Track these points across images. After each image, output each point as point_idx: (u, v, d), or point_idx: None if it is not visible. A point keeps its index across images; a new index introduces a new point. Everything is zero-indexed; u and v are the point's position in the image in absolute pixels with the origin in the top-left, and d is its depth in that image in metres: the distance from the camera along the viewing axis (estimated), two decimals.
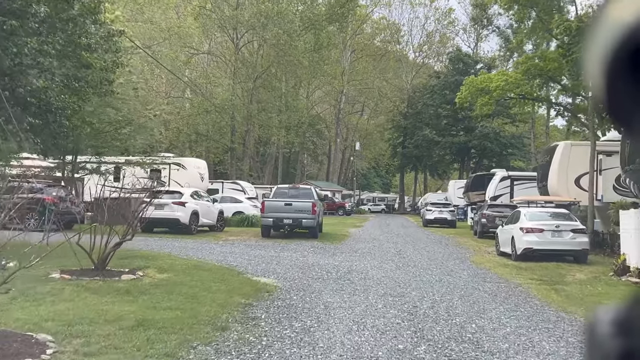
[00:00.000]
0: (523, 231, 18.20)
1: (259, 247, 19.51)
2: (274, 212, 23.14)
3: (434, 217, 38.18)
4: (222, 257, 15.92)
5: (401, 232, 31.13)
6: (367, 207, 75.04)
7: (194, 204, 23.23)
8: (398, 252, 19.65)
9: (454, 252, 20.82)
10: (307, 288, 11.21)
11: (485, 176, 42.67)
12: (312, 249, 19.66)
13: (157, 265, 12.86)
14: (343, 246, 21.26)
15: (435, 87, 69.51)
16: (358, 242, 23.32)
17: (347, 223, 40.16)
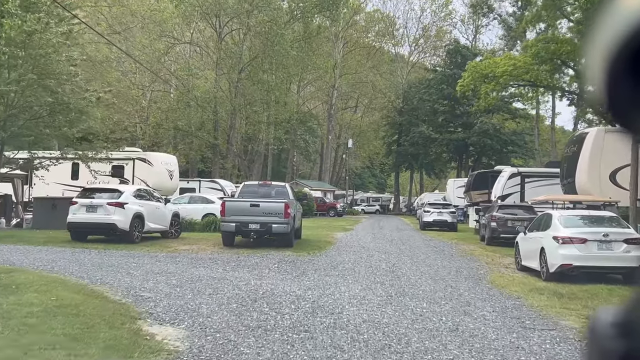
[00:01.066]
0: (558, 241, 13.21)
1: (208, 263, 14.47)
2: (237, 215, 18.15)
3: (433, 220, 33.21)
4: (139, 282, 10.90)
5: (395, 238, 26.13)
6: (361, 207, 70.05)
7: (136, 206, 18.18)
8: (391, 269, 14.63)
9: (463, 267, 15.82)
10: (228, 354, 6.21)
11: (489, 174, 37.80)
12: (278, 264, 14.64)
13: None
14: (321, 259, 16.25)
15: (431, 81, 64.61)
16: (342, 252, 18.31)
17: (335, 226, 35.16)
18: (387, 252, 18.84)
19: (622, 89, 0.58)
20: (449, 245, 22.93)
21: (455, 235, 29.54)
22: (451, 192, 45.38)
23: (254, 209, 18.17)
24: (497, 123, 60.36)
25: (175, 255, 15.78)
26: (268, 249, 18.02)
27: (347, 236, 26.26)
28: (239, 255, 16.36)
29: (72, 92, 20.81)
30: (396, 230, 33.47)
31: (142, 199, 18.69)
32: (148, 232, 19.32)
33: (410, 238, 26.38)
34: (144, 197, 18.91)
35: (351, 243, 22.28)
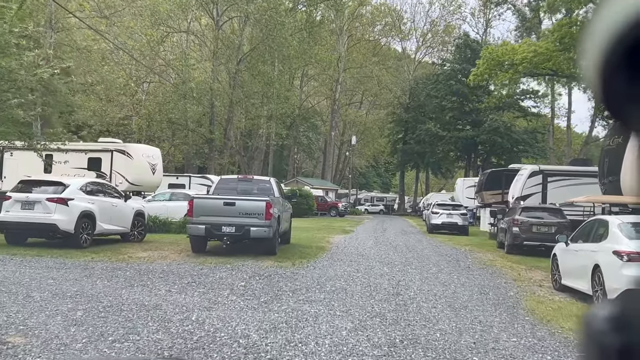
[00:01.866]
0: (622, 258, 9.54)
1: (155, 278, 10.83)
2: (207, 216, 14.53)
3: (442, 222, 29.52)
4: (26, 314, 7.27)
5: (400, 243, 22.44)
6: (364, 207, 66.36)
7: (85, 202, 14.57)
8: (395, 289, 10.97)
9: (487, 286, 12.15)
10: None
11: (503, 173, 34.10)
12: (247, 281, 11.01)
13: None
14: (307, 273, 12.60)
15: (439, 77, 60.84)
16: (335, 263, 14.66)
17: (334, 227, 31.53)
18: (390, 263, 15.17)
19: (617, 83, 0.56)
20: (462, 254, 19.25)
21: (467, 240, 25.84)
22: (460, 192, 41.66)
23: (229, 208, 14.55)
24: (507, 121, 56.56)
25: (121, 267, 12.17)
26: (244, 257, 14.42)
27: (345, 240, 22.63)
28: (203, 266, 12.74)
29: (21, 68, 17.24)
30: (401, 233, 29.79)
31: (93, 194, 15.08)
32: (102, 235, 15.73)
33: (418, 243, 22.69)
34: (96, 191, 15.29)
35: (349, 249, 18.63)
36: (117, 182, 26.56)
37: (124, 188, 27.00)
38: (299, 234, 23.91)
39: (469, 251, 20.19)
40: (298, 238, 21.16)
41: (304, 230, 27.40)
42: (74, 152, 27.79)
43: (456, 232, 29.58)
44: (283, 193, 17.63)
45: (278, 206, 15.74)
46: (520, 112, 58.79)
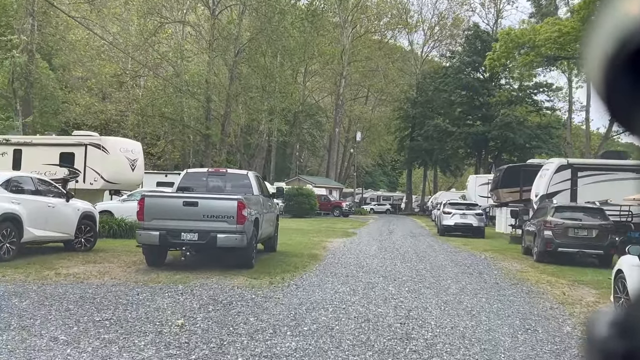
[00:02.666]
0: None
1: (53, 315, 7.38)
2: (162, 219, 11.14)
3: (455, 223, 25.99)
4: None
5: (409, 249, 18.91)
6: (370, 207, 62.85)
7: (6, 203, 11.20)
8: (404, 326, 7.45)
9: (531, 316, 8.63)
10: None
11: (521, 168, 30.55)
12: (192, 314, 7.55)
13: None
14: (284, 296, 9.16)
15: (448, 70, 57.24)
16: (325, 280, 11.19)
17: (336, 229, 28.09)
18: (397, 279, 11.69)
19: (621, 86, 0.56)
20: (484, 263, 15.75)
21: (485, 244, 22.31)
22: (472, 191, 38.08)
23: (190, 209, 11.13)
24: (520, 115, 52.85)
25: (29, 289, 8.76)
26: (209, 273, 11.02)
27: (345, 245, 19.17)
28: (147, 287, 9.33)
29: None
30: (409, 235, 26.28)
31: (19, 191, 11.69)
32: (36, 243, 12.38)
33: (429, 249, 19.16)
34: (23, 189, 11.89)
35: (347, 258, 15.16)
36: (92, 180, 23.35)
37: (99, 186, 23.70)
38: (292, 237, 20.52)
39: (490, 259, 16.68)
40: (288, 244, 17.75)
41: (301, 232, 23.99)
42: (45, 146, 24.67)
43: (470, 234, 26.07)
44: (266, 190, 14.21)
45: (256, 206, 12.32)
46: (534, 107, 55.07)
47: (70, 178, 21.86)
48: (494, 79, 55.97)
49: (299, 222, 34.43)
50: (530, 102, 54.69)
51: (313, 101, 65.55)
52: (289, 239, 20.32)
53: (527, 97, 54.85)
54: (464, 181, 74.26)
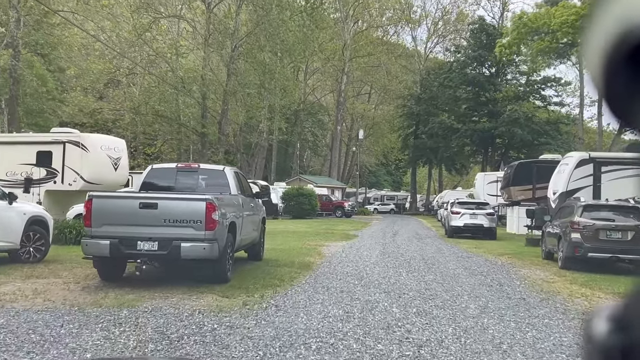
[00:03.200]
0: None
1: None
2: (114, 225, 8.99)
3: (464, 224, 23.74)
4: None
5: (416, 254, 16.66)
6: (374, 207, 60.64)
7: None
8: None
9: (576, 347, 6.47)
10: None
11: (534, 165, 28.40)
12: (130, 349, 5.43)
13: None
14: (257, 325, 6.99)
15: (453, 65, 54.98)
16: (314, 298, 9.01)
17: (335, 231, 25.91)
18: (402, 296, 9.48)
19: (621, 82, 0.55)
20: (503, 270, 13.54)
21: (499, 247, 20.06)
22: (480, 189, 35.83)
23: (148, 213, 8.97)
24: (528, 111, 50.52)
25: None
26: (172, 290, 8.88)
27: (344, 250, 16.99)
28: (85, 312, 7.19)
29: None
30: (415, 238, 24.05)
31: None
32: None
33: (438, 254, 16.92)
34: None
35: (344, 267, 12.97)
36: (71, 180, 21.28)
37: (78, 187, 21.53)
38: (286, 241, 18.39)
39: (508, 265, 14.47)
40: (280, 250, 15.61)
41: (297, 236, 21.84)
42: (21, 145, 22.60)
43: (481, 235, 23.83)
44: (248, 189, 12.03)
45: (233, 208, 10.15)
46: (542, 102, 52.78)
47: None
48: (500, 73, 53.72)
49: (298, 223, 32.27)
50: (538, 97, 52.41)
51: (314, 99, 63.43)
52: (282, 243, 18.18)
53: (534, 92, 52.56)
54: (469, 180, 71.92)
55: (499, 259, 16.05)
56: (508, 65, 53.09)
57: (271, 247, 16.55)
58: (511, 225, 28.79)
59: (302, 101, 58.83)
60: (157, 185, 10.68)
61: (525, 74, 53.61)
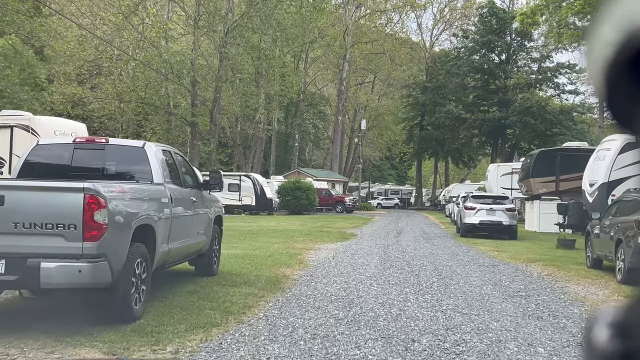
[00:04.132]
0: None
1: None
2: None
3: (480, 221, 19.89)
4: None
5: (425, 262, 12.79)
6: (377, 201, 56.93)
7: None
8: None
9: None
10: None
11: (558, 153, 24.64)
12: None
13: None
14: None
15: (461, 52, 51.08)
16: (266, 350, 5.33)
17: (332, 229, 22.20)
18: (409, 345, 5.73)
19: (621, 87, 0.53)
20: (543, 286, 9.77)
21: (525, 249, 16.27)
22: (493, 181, 31.96)
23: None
24: (541, 99, 46.57)
25: None
26: (35, 335, 5.18)
27: (335, 256, 13.26)
28: None
29: None
30: (423, 237, 20.26)
31: None
32: None
33: (453, 261, 13.10)
34: None
35: (328, 286, 9.18)
36: None
37: None
38: (267, 244, 14.75)
39: (549, 279, 10.69)
40: (253, 256, 11.96)
41: (284, 235, 18.18)
42: None
43: (499, 234, 20.04)
44: (188, 177, 8.29)
45: (149, 204, 6.44)
46: (555, 90, 48.87)
47: None
48: (510, 60, 49.75)
49: (293, 220, 28.61)
50: (551, 84, 48.48)
51: (315, 90, 59.65)
52: (261, 246, 14.50)
53: (547, 79, 48.60)
54: (477, 173, 68.02)
55: (532, 267, 12.29)
56: (519, 51, 49.19)
57: (243, 252, 12.87)
58: (530, 222, 24.99)
59: (303, 91, 55.10)
60: (42, 169, 6.97)
61: (537, 61, 49.71)
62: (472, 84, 50.20)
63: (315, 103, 61.10)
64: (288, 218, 30.98)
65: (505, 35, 48.73)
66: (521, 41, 48.97)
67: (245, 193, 34.92)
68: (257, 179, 35.36)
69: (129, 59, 36.70)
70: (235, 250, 13.21)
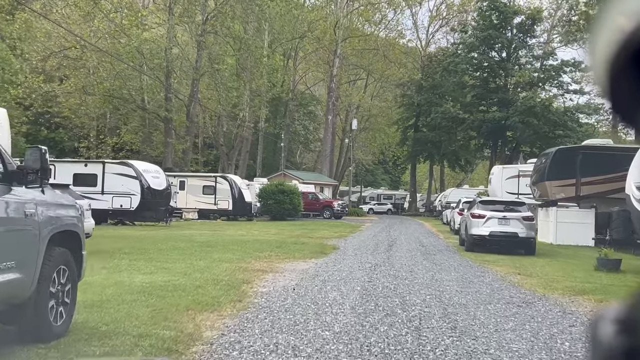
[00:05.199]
0: None
1: None
2: None
3: (490, 233, 15.74)
4: None
5: (426, 295, 8.63)
6: (369, 206, 52.85)
7: None
8: None
9: None
10: None
11: (579, 152, 20.53)
12: None
13: None
14: None
15: (458, 47, 47.15)
16: None
17: (310, 240, 18.03)
18: None
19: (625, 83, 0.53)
20: None
21: (553, 270, 12.16)
22: (498, 185, 27.85)
23: None
24: (545, 99, 42.67)
25: None
26: None
27: (297, 285, 9.08)
28: None
29: None
30: (420, 252, 16.09)
31: None
32: None
33: (467, 291, 8.91)
34: None
35: (260, 355, 5.10)
36: None
37: None
38: (216, 261, 10.69)
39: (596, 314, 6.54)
40: (175, 286, 7.84)
41: (247, 248, 14.07)
42: None
43: (513, 248, 15.95)
44: None
45: None
46: (559, 89, 44.97)
47: None
48: (511, 58, 45.83)
49: (270, 227, 24.49)
50: (555, 83, 44.60)
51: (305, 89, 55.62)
52: (202, 267, 10.36)
53: (550, 78, 44.69)
54: (474, 178, 63.95)
55: (580, 304, 8.19)
56: (521, 48, 45.27)
57: (165, 279, 8.76)
58: (545, 232, 20.84)
59: (292, 89, 51.05)
60: None
61: (539, 59, 45.85)
62: (471, 83, 46.26)
63: (305, 103, 57.05)
64: (266, 225, 26.86)
65: (506, 30, 44.83)
66: (523, 37, 45.11)
67: (221, 196, 30.78)
68: (234, 181, 31.23)
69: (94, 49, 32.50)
70: (157, 275, 9.06)
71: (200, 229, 22.37)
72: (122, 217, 22.80)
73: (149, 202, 22.38)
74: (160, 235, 17.78)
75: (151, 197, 22.45)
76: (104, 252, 11.86)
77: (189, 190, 31.14)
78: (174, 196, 30.80)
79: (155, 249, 13.39)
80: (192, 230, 20.98)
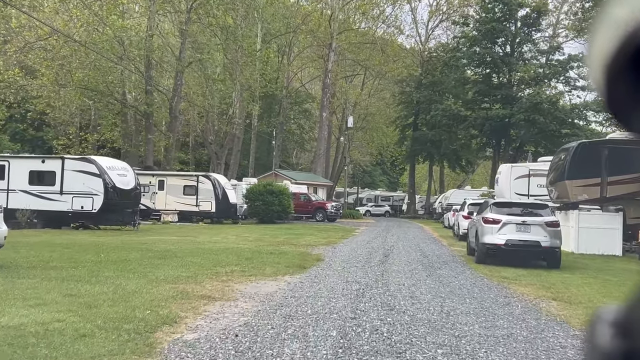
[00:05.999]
0: None
1: None
2: None
3: (506, 241, 12.76)
4: None
5: (434, 344, 5.78)
6: (366, 208, 49.89)
7: None
8: None
9: None
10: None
11: (605, 147, 17.56)
12: None
13: None
14: None
15: (460, 41, 44.20)
16: None
17: (293, 247, 15.01)
18: None
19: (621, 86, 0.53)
20: None
21: (591, 289, 9.21)
22: (506, 186, 24.80)
23: None
24: (552, 96, 39.75)
25: None
26: None
27: (246, 323, 6.12)
28: None
29: None
30: (422, 265, 13.09)
31: None
32: None
33: (492, 333, 5.95)
34: None
35: None
36: None
37: None
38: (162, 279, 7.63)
39: None
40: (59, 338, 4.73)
41: (209, 260, 11.13)
42: None
43: (533, 259, 13.01)
44: None
45: None
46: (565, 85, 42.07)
47: None
48: (515, 52, 42.90)
49: (252, 232, 21.53)
50: (561, 79, 41.66)
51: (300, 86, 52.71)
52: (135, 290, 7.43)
53: (557, 73, 41.75)
54: (475, 179, 60.97)
55: None
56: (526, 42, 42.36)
57: (42, 320, 5.73)
58: (565, 239, 17.77)
59: (286, 86, 48.14)
60: None
61: (545, 53, 42.93)
62: (473, 79, 43.34)
63: (300, 101, 54.11)
64: (250, 229, 23.89)
65: (510, 23, 41.92)
66: (528, 31, 42.20)
67: (203, 197, 27.84)
68: (218, 181, 28.28)
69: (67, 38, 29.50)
70: (41, 310, 6.10)
71: (173, 234, 19.41)
72: (83, 220, 19.80)
73: (114, 203, 19.40)
74: (115, 243, 14.79)
75: (116, 198, 19.47)
76: (6, 267, 8.88)
77: (169, 191, 28.21)
78: (152, 197, 27.91)
79: (84, 261, 10.42)
80: (160, 236, 18.03)
